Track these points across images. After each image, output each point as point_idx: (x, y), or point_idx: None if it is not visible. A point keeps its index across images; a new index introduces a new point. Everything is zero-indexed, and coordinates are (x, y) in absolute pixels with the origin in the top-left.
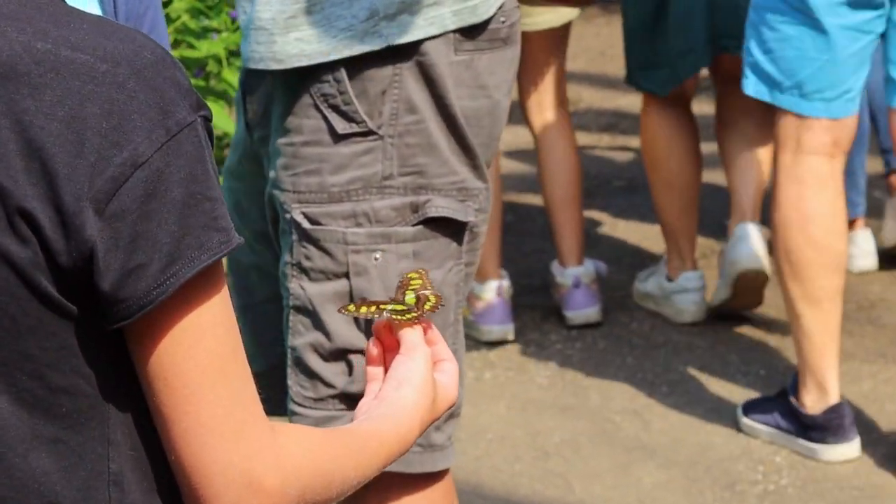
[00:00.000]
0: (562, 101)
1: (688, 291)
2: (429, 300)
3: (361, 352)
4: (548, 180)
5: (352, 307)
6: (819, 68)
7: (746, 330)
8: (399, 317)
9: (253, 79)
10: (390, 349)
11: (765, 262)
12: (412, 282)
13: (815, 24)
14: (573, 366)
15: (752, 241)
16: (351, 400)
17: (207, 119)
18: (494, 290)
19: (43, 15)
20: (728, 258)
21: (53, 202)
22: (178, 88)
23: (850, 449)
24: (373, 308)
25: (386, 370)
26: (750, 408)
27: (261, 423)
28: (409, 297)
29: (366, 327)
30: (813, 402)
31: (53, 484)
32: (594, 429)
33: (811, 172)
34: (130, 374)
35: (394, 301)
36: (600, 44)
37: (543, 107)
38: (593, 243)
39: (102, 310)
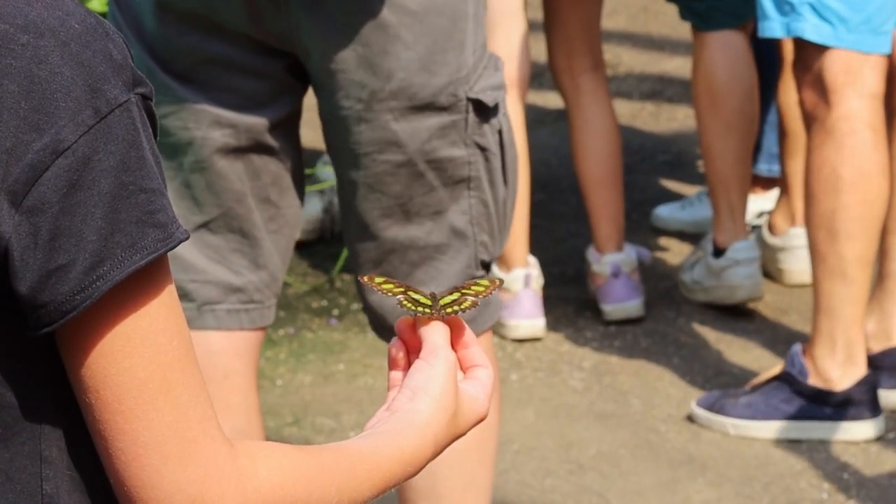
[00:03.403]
0: (598, 64)
1: (740, 264)
2: (466, 300)
3: None
4: (583, 155)
5: (378, 279)
6: None
7: (808, 327)
8: (410, 305)
9: None
10: (415, 351)
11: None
12: (473, 286)
13: None
14: (611, 367)
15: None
16: None
17: (146, 97)
18: (522, 280)
19: None
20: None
21: None
22: (111, 63)
23: (881, 423)
24: (397, 290)
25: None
26: (731, 409)
27: (215, 442)
28: (447, 297)
29: None
30: (841, 377)
31: None
32: (636, 439)
33: (880, 117)
34: (69, 384)
35: (424, 294)
36: None
37: (576, 70)
38: (634, 227)
39: (23, 314)
